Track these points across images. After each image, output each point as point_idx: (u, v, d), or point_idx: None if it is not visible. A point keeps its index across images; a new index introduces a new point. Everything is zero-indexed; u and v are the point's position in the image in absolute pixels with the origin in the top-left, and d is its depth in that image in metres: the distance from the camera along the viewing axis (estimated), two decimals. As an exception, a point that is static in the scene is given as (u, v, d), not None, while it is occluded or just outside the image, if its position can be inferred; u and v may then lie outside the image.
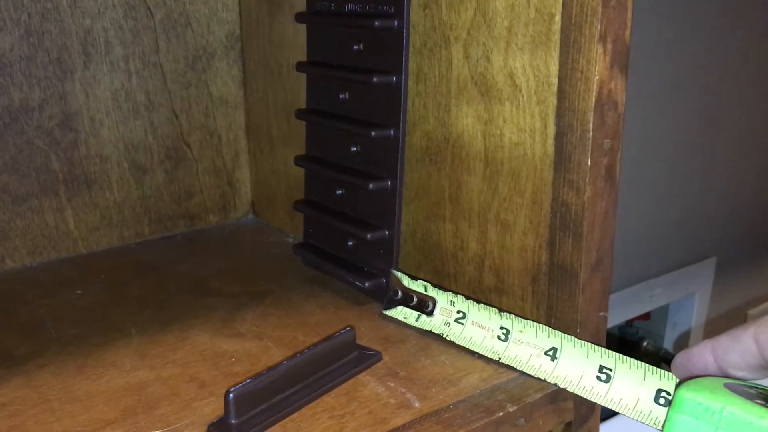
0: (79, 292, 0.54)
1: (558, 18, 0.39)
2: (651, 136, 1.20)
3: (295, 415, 0.38)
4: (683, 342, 1.42)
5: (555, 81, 0.40)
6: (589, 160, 0.39)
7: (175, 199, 0.65)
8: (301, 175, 0.58)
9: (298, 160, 0.56)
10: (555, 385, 0.38)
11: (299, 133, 0.58)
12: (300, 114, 0.55)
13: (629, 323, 1.43)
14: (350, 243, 0.52)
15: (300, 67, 0.55)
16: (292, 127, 0.61)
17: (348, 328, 0.43)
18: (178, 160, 0.64)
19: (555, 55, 0.40)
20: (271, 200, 0.67)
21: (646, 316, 1.41)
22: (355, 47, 0.50)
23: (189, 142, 0.65)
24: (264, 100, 0.64)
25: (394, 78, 0.47)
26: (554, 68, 0.40)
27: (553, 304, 0.43)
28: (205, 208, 0.67)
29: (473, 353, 0.43)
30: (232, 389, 0.36)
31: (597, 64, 0.38)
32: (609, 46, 0.38)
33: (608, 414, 1.04)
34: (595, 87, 0.38)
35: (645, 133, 1.19)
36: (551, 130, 0.41)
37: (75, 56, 0.57)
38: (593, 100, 0.38)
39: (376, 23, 0.47)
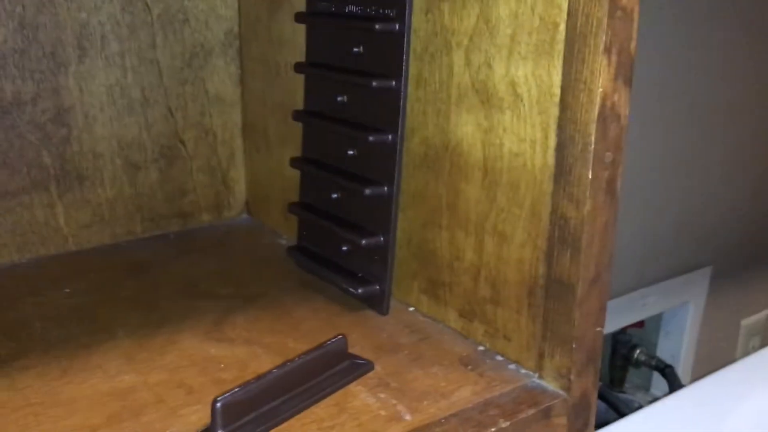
0: (67, 290, 0.53)
1: (562, 27, 0.38)
2: (646, 143, 1.19)
3: (284, 425, 0.37)
4: (676, 351, 1.42)
5: (557, 91, 0.39)
6: (590, 173, 0.38)
7: (169, 197, 0.64)
8: (296, 176, 0.57)
9: (294, 162, 0.55)
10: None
11: (296, 134, 0.57)
12: (297, 115, 0.55)
13: (623, 331, 1.43)
14: (344, 248, 0.51)
15: (299, 67, 0.54)
16: (289, 128, 0.60)
17: (339, 337, 0.42)
18: (173, 158, 0.63)
19: (558, 65, 0.39)
20: (266, 200, 0.66)
21: (640, 324, 1.40)
22: (355, 50, 0.49)
23: (184, 140, 0.64)
24: (261, 99, 0.64)
25: (394, 82, 0.46)
26: (557, 78, 0.39)
27: (548, 318, 0.42)
28: (199, 207, 0.66)
29: (466, 365, 0.42)
30: (219, 398, 0.36)
31: (601, 76, 0.37)
32: (614, 58, 0.37)
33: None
34: (598, 99, 0.37)
35: (640, 140, 1.18)
36: (552, 141, 0.40)
37: (69, 50, 0.56)
38: (596, 112, 0.38)
39: (377, 26, 0.46)
